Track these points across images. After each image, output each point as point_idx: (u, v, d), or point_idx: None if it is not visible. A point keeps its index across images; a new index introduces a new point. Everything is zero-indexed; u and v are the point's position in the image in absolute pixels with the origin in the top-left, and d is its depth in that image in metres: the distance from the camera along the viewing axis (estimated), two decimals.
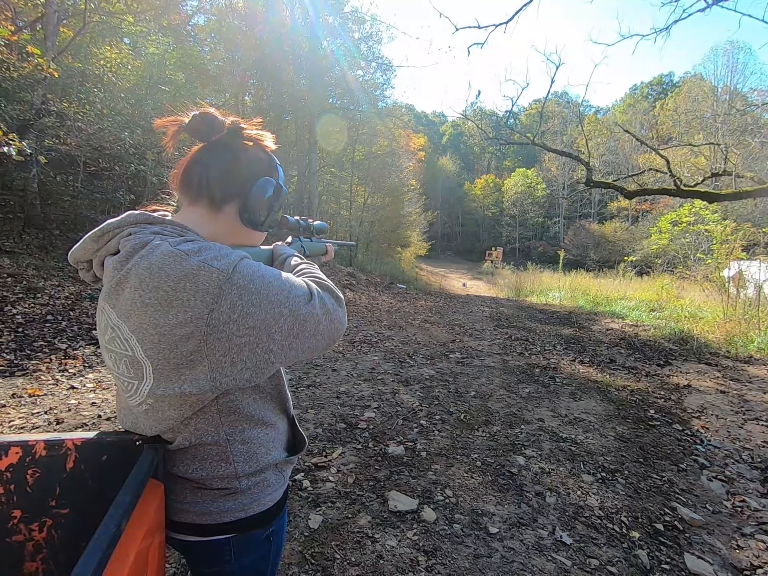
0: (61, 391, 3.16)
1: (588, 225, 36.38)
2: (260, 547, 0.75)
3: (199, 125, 0.70)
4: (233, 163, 0.72)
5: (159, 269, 0.56)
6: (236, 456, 0.69)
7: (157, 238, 0.61)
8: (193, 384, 0.59)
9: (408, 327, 6.99)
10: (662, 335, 6.83)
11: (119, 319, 0.61)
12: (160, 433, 0.68)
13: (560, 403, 3.72)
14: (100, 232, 0.65)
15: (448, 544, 1.85)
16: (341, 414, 3.20)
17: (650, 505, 2.26)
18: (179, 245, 0.59)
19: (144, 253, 0.59)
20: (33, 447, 0.72)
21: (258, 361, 0.61)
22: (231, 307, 0.57)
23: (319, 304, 0.66)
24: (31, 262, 6.08)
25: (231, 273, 0.57)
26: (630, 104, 44.94)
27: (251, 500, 0.71)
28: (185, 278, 0.56)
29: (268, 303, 0.59)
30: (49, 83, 7.03)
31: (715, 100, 28.28)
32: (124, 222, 0.65)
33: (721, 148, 7.36)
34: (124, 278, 0.59)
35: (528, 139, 8.42)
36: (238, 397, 0.68)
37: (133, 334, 0.59)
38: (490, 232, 49.29)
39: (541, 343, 6.21)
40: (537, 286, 15.02)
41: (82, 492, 0.74)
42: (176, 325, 0.56)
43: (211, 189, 0.70)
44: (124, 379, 0.65)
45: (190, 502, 0.70)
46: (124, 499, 0.59)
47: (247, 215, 0.73)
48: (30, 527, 0.73)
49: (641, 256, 22.04)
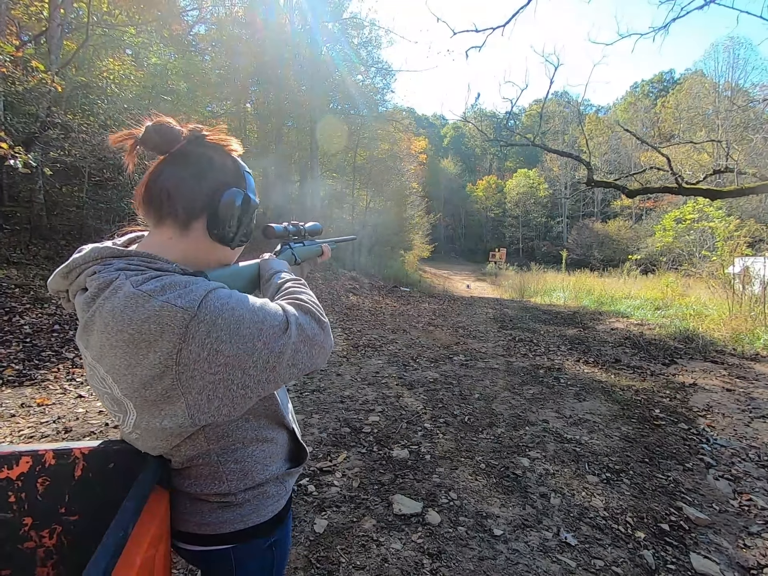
0: (69, 400, 3.20)
1: (591, 224, 36.28)
2: (263, 556, 0.75)
3: (152, 137, 0.65)
4: (196, 175, 0.67)
5: (121, 312, 0.55)
6: (228, 475, 0.68)
7: (121, 276, 0.58)
8: (172, 419, 0.59)
9: (411, 330, 7.00)
10: (667, 334, 6.79)
11: (93, 359, 0.61)
12: (155, 455, 0.69)
13: (565, 403, 3.72)
14: (67, 269, 0.64)
15: (452, 546, 1.86)
16: (346, 418, 3.22)
17: (656, 505, 2.25)
18: (141, 285, 0.56)
19: (107, 294, 0.57)
20: (43, 456, 0.75)
21: (234, 397, 0.59)
22: (200, 346, 0.55)
23: (296, 332, 0.62)
24: (38, 272, 6.16)
25: (197, 310, 0.55)
26: (631, 102, 44.82)
27: (250, 511, 0.71)
28: (148, 320, 0.54)
29: (239, 338, 0.57)
30: (54, 96, 7.14)
31: (716, 97, 28.17)
32: (89, 257, 0.62)
33: (722, 145, 7.33)
34: (90, 320, 0.58)
35: (528, 140, 8.43)
36: (226, 424, 0.67)
37: (108, 375, 0.60)
38: (494, 233, 49.27)
39: (545, 344, 6.20)
40: (541, 286, 14.99)
41: (90, 499, 0.76)
42: (147, 365, 0.55)
43: (174, 207, 0.66)
44: (111, 412, 0.66)
45: (190, 512, 0.70)
46: (130, 505, 0.61)
47: (216, 231, 0.68)
48: (41, 534, 0.76)
49: (646, 254, 21.92)
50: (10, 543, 0.75)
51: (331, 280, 10.81)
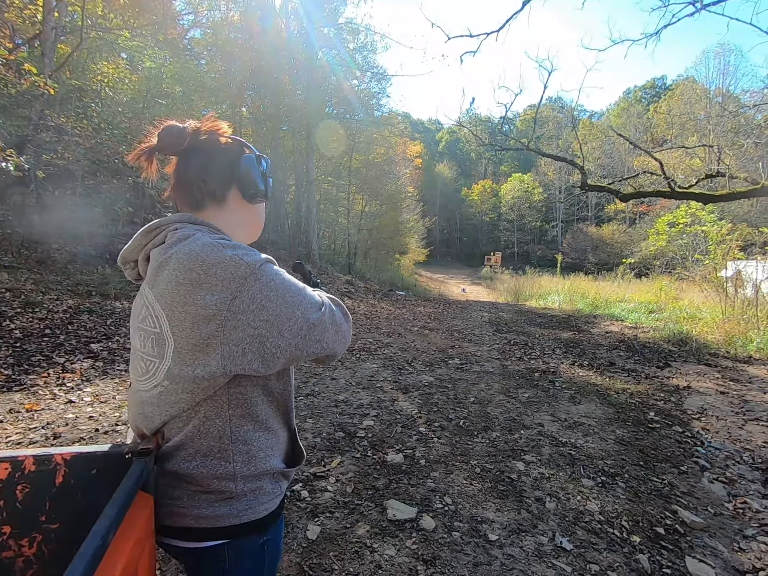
0: (58, 405, 3.15)
1: (586, 228, 36.53)
2: (255, 554, 0.76)
3: (167, 141, 0.74)
4: (212, 158, 0.77)
5: (197, 255, 0.64)
6: (236, 455, 0.71)
7: (198, 233, 0.69)
8: (205, 368, 0.64)
9: (407, 334, 6.99)
10: (661, 337, 6.82)
11: (155, 298, 0.68)
12: (171, 418, 0.70)
13: (560, 407, 3.71)
14: (152, 227, 0.74)
15: (447, 552, 1.84)
16: (340, 423, 3.19)
17: (651, 509, 2.24)
18: (218, 239, 0.68)
19: (187, 242, 0.67)
20: (22, 462, 0.73)
21: (266, 354, 0.65)
22: (251, 299, 0.63)
23: (329, 315, 0.72)
24: (29, 276, 6.09)
25: (257, 269, 0.65)
26: (624, 108, 45.30)
27: (246, 507, 0.72)
28: (217, 265, 0.63)
29: (283, 302, 0.66)
30: (47, 99, 7.10)
31: (708, 103, 28.52)
32: (173, 219, 0.74)
33: (714, 150, 7.40)
34: (165, 261, 0.67)
35: (522, 144, 8.48)
36: (249, 391, 0.71)
37: (164, 311, 0.66)
38: (489, 236, 49.49)
39: (541, 348, 6.20)
40: (536, 290, 15.04)
41: (72, 506, 0.74)
42: (202, 305, 0.62)
43: (210, 188, 0.77)
44: (148, 359, 0.70)
45: (187, 506, 0.71)
46: (111, 512, 0.59)
47: (250, 191, 0.80)
48: (20, 543, 0.73)
49: (640, 258, 22.06)
50: None
51: (326, 284, 10.78)
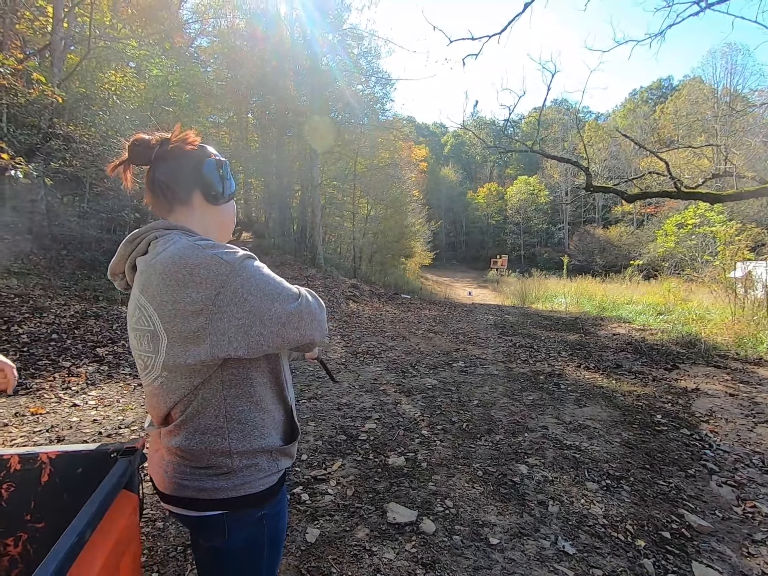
0: (63, 408, 3.18)
1: (593, 230, 36.27)
2: (252, 527, 0.81)
3: (136, 151, 0.82)
4: (177, 164, 0.84)
5: (180, 257, 0.70)
6: (231, 433, 0.77)
7: (176, 237, 0.75)
8: (195, 357, 0.71)
9: (411, 337, 6.97)
10: (670, 338, 6.73)
11: (146, 300, 0.73)
12: (174, 404, 0.76)
13: (565, 409, 3.67)
14: (132, 238, 0.80)
15: (447, 556, 1.81)
16: (342, 426, 3.18)
17: (657, 513, 2.20)
18: (196, 241, 0.73)
19: (168, 245, 0.73)
20: (8, 461, 0.73)
21: (250, 342, 0.71)
22: (233, 293, 0.69)
23: (305, 303, 0.77)
24: (38, 282, 6.17)
25: (237, 266, 0.70)
26: (630, 109, 45.04)
27: (243, 482, 0.78)
28: (199, 265, 0.69)
29: (263, 294, 0.71)
30: (56, 108, 7.22)
31: (715, 102, 28.25)
32: (150, 227, 0.80)
33: (721, 149, 7.32)
34: (152, 266, 0.72)
35: (526, 146, 8.45)
36: (241, 373, 0.78)
37: (156, 311, 0.72)
38: (495, 239, 49.25)
39: (546, 350, 6.14)
40: (542, 292, 14.93)
41: (57, 505, 0.74)
42: (190, 302, 0.68)
43: (175, 192, 0.83)
44: (145, 355, 0.76)
45: (190, 479, 0.77)
46: (89, 509, 0.59)
47: (213, 193, 0.86)
48: (5, 542, 0.73)
49: (648, 259, 21.85)
50: None
51: (332, 288, 10.79)
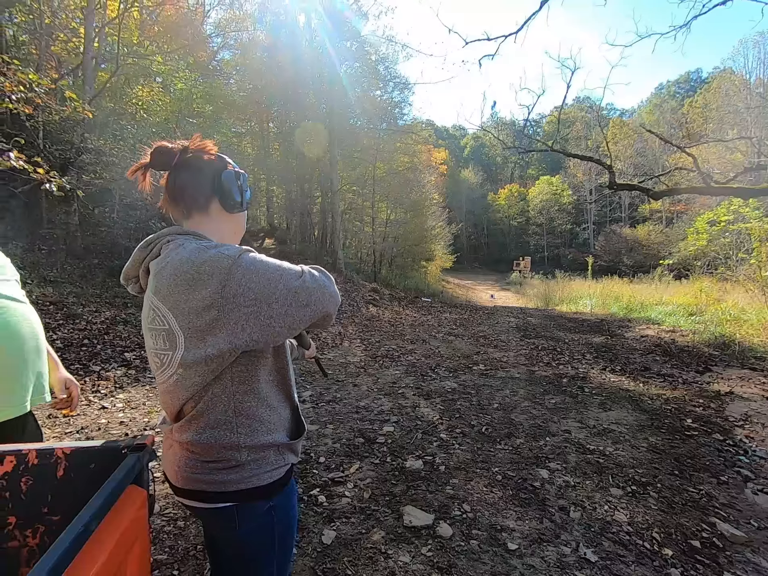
0: (93, 411, 3.30)
1: (619, 229, 35.21)
2: (262, 518, 0.86)
3: (157, 158, 0.86)
4: (197, 173, 0.88)
5: (187, 259, 0.75)
6: (240, 428, 0.81)
7: (186, 241, 0.80)
8: (214, 347, 0.74)
9: (431, 340, 6.92)
10: (702, 340, 6.46)
11: (159, 301, 0.78)
12: (186, 400, 0.80)
13: (588, 413, 3.57)
14: (146, 243, 0.86)
15: (464, 560, 1.79)
16: (360, 429, 3.18)
17: (686, 521, 2.11)
18: (203, 243, 0.79)
19: (178, 249, 0.78)
20: (26, 456, 0.76)
21: (262, 326, 0.75)
22: (237, 284, 0.73)
23: (310, 279, 0.79)
24: (72, 290, 6.45)
25: (237, 259, 0.74)
26: (656, 104, 43.69)
27: (251, 474, 0.82)
28: (204, 263, 0.73)
29: (265, 280, 0.75)
30: (87, 123, 7.55)
31: (748, 94, 27.09)
32: (164, 233, 0.85)
33: (754, 142, 7.01)
34: (163, 268, 0.78)
35: (547, 145, 8.31)
36: (249, 370, 0.82)
37: (169, 311, 0.76)
38: (517, 241, 48.46)
39: (570, 353, 5.99)
40: (567, 294, 14.59)
41: (72, 499, 0.77)
42: (200, 298, 0.73)
43: (194, 198, 0.88)
44: (161, 353, 0.80)
45: (201, 472, 0.81)
46: (96, 501, 0.61)
47: (230, 202, 0.90)
48: (25, 533, 0.77)
49: (678, 258, 21.05)
50: None
51: (352, 292, 10.85)
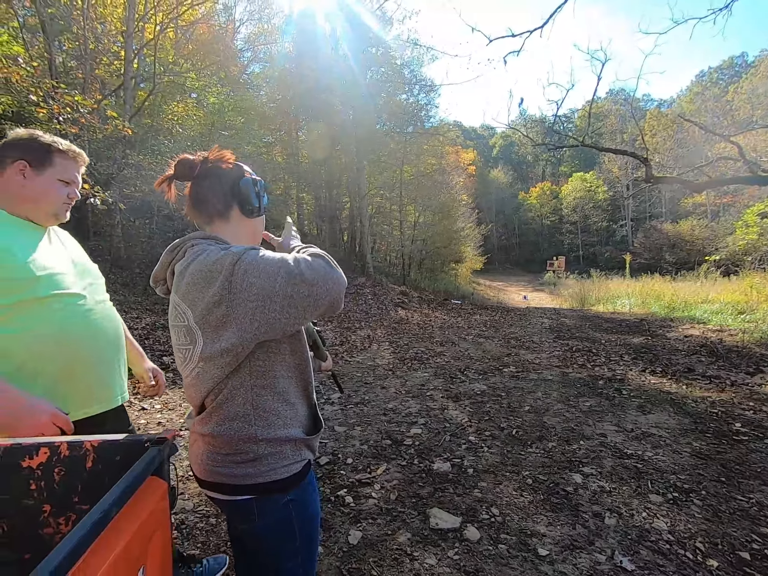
0: (133, 412, 3.46)
1: (660, 225, 33.56)
2: (281, 510, 0.89)
3: (180, 170, 0.94)
4: (217, 181, 0.95)
5: (203, 261, 0.82)
6: (257, 420, 0.86)
7: (209, 246, 0.86)
8: (227, 341, 0.80)
9: (461, 342, 6.84)
10: (752, 340, 6.05)
11: (180, 298, 0.85)
12: (207, 393, 0.86)
13: (626, 416, 3.41)
14: (173, 247, 0.93)
15: (491, 565, 1.75)
16: (387, 430, 3.18)
17: (733, 531, 1.97)
18: (221, 246, 0.85)
19: (199, 251, 0.85)
20: (59, 447, 0.82)
21: (269, 319, 0.79)
22: (241, 279, 0.78)
23: (307, 270, 0.80)
24: (115, 298, 6.82)
25: (240, 256, 0.80)
26: (697, 92, 41.51)
27: (268, 468, 0.86)
28: (216, 262, 0.80)
29: (265, 274, 0.78)
30: (128, 140, 7.99)
31: None
32: (189, 237, 0.92)
33: None
34: (185, 269, 0.84)
35: (578, 141, 8.06)
36: (267, 365, 0.87)
37: (188, 308, 0.83)
38: (551, 240, 47.19)
39: (606, 354, 5.76)
40: (603, 293, 14.05)
41: (100, 489, 0.81)
42: (211, 295, 0.79)
43: (215, 206, 0.95)
44: (183, 348, 0.87)
45: (221, 466, 0.86)
46: (116, 490, 0.65)
47: (248, 208, 0.97)
48: (58, 521, 0.82)
49: (726, 254, 19.94)
50: (31, 528, 0.81)
51: (380, 295, 10.89)
